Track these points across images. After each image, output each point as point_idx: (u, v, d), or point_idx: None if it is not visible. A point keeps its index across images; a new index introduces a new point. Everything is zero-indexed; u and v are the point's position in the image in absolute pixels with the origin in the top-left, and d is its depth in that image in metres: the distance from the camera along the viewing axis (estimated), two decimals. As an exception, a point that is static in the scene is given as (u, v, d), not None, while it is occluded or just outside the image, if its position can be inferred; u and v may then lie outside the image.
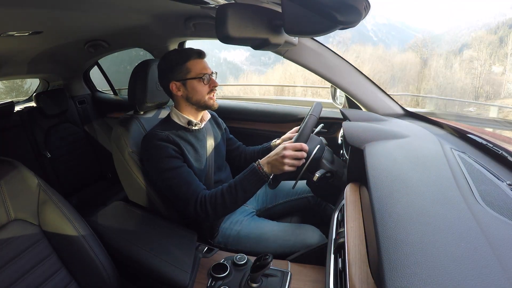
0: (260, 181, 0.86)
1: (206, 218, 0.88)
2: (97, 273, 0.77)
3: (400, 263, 0.38)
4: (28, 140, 1.81)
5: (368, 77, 1.28)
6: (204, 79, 0.95)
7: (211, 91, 0.98)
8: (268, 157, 0.86)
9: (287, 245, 0.95)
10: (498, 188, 0.57)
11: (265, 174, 0.85)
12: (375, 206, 0.52)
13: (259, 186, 0.86)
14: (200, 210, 0.87)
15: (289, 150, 0.83)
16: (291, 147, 0.84)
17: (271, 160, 0.85)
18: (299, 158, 0.84)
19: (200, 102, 0.98)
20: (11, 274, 0.65)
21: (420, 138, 0.88)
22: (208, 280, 0.79)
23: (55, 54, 1.69)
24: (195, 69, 0.95)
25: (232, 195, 0.86)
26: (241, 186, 0.86)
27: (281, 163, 0.83)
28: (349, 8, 0.59)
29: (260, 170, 0.85)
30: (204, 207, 0.86)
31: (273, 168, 0.85)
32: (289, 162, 0.83)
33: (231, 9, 0.66)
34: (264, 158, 0.87)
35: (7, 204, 0.69)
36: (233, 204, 0.87)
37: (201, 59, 0.97)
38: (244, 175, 0.87)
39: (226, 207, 0.87)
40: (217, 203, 0.86)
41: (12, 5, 0.82)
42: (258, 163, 0.87)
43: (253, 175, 0.85)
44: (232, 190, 0.86)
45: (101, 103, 2.21)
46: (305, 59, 1.23)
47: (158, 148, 0.90)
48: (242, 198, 0.86)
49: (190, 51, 0.96)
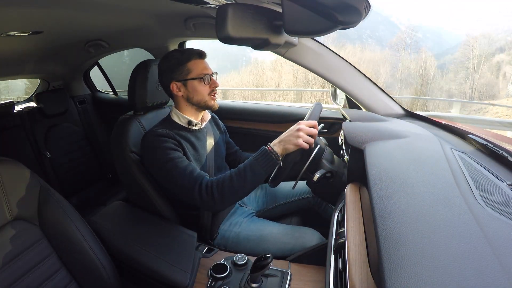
0: (270, 163, 0.83)
1: (212, 203, 0.83)
2: (97, 273, 0.77)
3: (400, 263, 0.38)
4: (28, 140, 1.81)
5: (368, 77, 1.28)
6: (204, 80, 0.95)
7: (211, 91, 0.98)
8: (279, 138, 0.85)
9: (286, 248, 0.95)
10: (498, 188, 0.57)
11: (275, 154, 0.83)
12: (375, 206, 0.52)
13: (269, 169, 0.84)
14: (206, 195, 0.83)
15: (304, 125, 0.84)
16: (305, 123, 0.85)
17: (283, 137, 0.84)
18: (312, 136, 0.85)
19: (201, 102, 0.98)
20: (11, 274, 0.65)
21: (420, 138, 0.88)
22: (208, 280, 0.79)
23: (55, 54, 1.69)
24: (196, 69, 0.95)
25: (241, 178, 0.82)
26: (251, 169, 0.82)
27: (296, 136, 0.82)
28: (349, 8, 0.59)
29: (271, 150, 0.83)
30: (210, 191, 0.83)
31: (286, 144, 0.83)
32: (303, 136, 0.82)
33: (231, 9, 0.66)
34: (274, 140, 0.86)
35: (7, 204, 0.69)
36: (241, 188, 0.83)
37: (202, 59, 0.97)
38: (253, 158, 0.84)
39: (234, 191, 0.83)
40: (224, 187, 0.82)
41: (12, 5, 0.82)
42: (268, 144, 0.85)
43: (264, 156, 0.83)
44: (241, 172, 0.83)
45: (101, 103, 2.21)
46: (305, 59, 1.23)
47: (158, 142, 0.89)
48: (251, 181, 0.83)
49: (191, 51, 0.96)
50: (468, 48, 18.84)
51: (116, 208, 1.05)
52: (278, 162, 0.84)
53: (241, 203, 1.17)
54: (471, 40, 19.05)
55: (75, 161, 1.99)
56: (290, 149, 0.84)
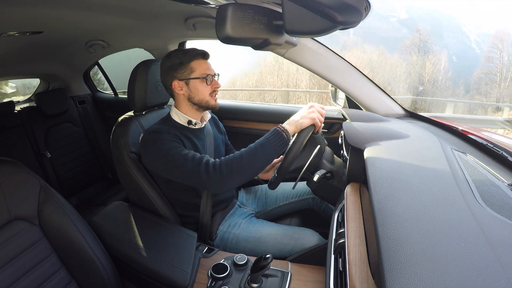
0: (282, 142, 0.83)
1: (221, 179, 0.81)
2: (97, 273, 0.77)
3: (400, 263, 0.38)
4: (28, 140, 1.81)
5: (368, 77, 1.28)
6: (207, 80, 0.96)
7: (213, 91, 0.98)
8: (290, 118, 0.89)
9: (286, 250, 0.95)
10: (498, 188, 0.57)
11: (287, 133, 0.84)
12: (375, 206, 0.52)
13: (280, 148, 0.83)
14: (214, 172, 0.81)
15: (316, 104, 0.91)
16: (316, 104, 0.92)
17: (296, 116, 0.89)
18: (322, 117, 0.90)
19: (202, 102, 0.98)
20: (11, 274, 0.65)
21: (420, 139, 0.88)
22: (208, 280, 0.79)
23: (55, 54, 1.69)
24: (199, 69, 0.95)
25: (251, 156, 0.81)
26: (261, 147, 0.82)
27: (311, 111, 0.88)
28: (350, 9, 0.59)
29: (282, 129, 0.84)
30: (219, 168, 0.81)
31: (301, 119, 0.87)
32: (315, 113, 0.88)
33: (231, 9, 0.66)
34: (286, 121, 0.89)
35: (7, 204, 0.69)
36: (251, 165, 0.82)
37: (205, 59, 0.98)
38: (265, 137, 0.84)
39: (244, 168, 0.81)
40: (234, 163, 0.81)
41: (12, 5, 0.82)
42: (280, 125, 0.87)
43: (275, 135, 0.83)
44: (251, 150, 0.82)
45: (101, 103, 2.21)
46: (305, 59, 1.23)
47: (157, 136, 0.89)
48: (261, 160, 0.82)
49: (195, 51, 0.96)
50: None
51: (116, 208, 1.04)
52: (288, 143, 0.85)
53: (240, 204, 1.17)
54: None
55: (75, 161, 1.99)
56: (304, 124, 0.87)
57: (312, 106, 0.91)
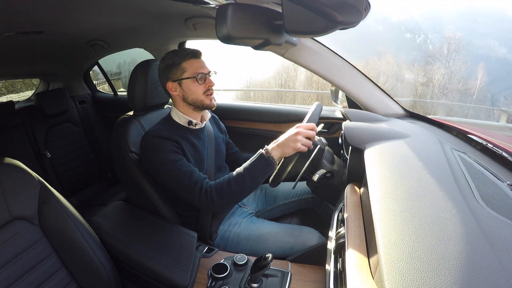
0: (268, 168, 0.84)
1: (212, 206, 0.86)
2: (97, 273, 0.77)
3: (400, 263, 0.38)
4: (28, 140, 1.81)
5: (368, 77, 1.28)
6: (198, 79, 0.95)
7: (207, 90, 0.97)
8: (276, 141, 0.86)
9: (286, 247, 0.95)
10: (498, 188, 0.57)
11: (272, 159, 0.84)
12: (375, 206, 0.52)
13: (266, 173, 0.85)
14: (205, 198, 0.85)
15: (302, 128, 0.85)
16: (304, 126, 0.86)
17: (281, 141, 0.85)
18: (311, 139, 0.86)
19: (197, 102, 0.97)
20: (11, 274, 0.65)
21: (420, 139, 0.88)
22: (208, 280, 0.79)
23: (55, 54, 1.69)
24: (190, 69, 0.95)
25: (239, 182, 0.84)
26: (248, 173, 0.84)
27: (295, 140, 0.83)
28: (349, 8, 0.59)
29: (267, 155, 0.84)
30: (210, 195, 0.85)
31: (285, 149, 0.84)
32: (302, 140, 0.84)
33: (231, 9, 0.66)
34: (271, 144, 0.86)
35: (7, 204, 0.69)
36: (239, 191, 0.85)
37: (197, 59, 0.96)
38: (251, 162, 0.85)
39: (233, 195, 0.85)
40: (223, 191, 0.84)
41: (12, 5, 0.82)
42: (266, 148, 0.86)
43: (261, 161, 0.84)
44: (239, 177, 0.84)
45: (101, 103, 2.21)
46: (305, 59, 1.23)
47: (157, 143, 0.90)
48: (249, 185, 0.85)
49: (186, 51, 0.96)
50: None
51: (116, 208, 1.05)
52: (274, 167, 0.85)
53: (241, 204, 1.17)
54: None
55: (75, 161, 1.99)
56: (288, 153, 0.85)
57: (297, 133, 0.85)
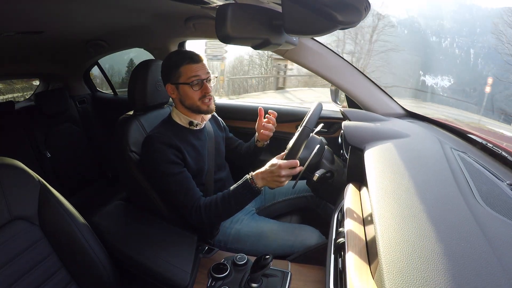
0: (253, 195, 0.87)
1: (201, 223, 0.91)
2: (97, 273, 0.77)
3: (400, 263, 0.38)
4: (28, 140, 1.81)
5: (368, 77, 1.28)
6: (193, 85, 0.93)
7: (203, 96, 0.95)
8: (262, 173, 0.85)
9: (286, 245, 0.95)
10: (498, 188, 0.57)
11: (257, 188, 0.86)
12: (375, 206, 0.52)
13: (251, 199, 0.88)
14: (195, 217, 0.90)
15: (286, 170, 0.82)
16: (287, 165, 0.82)
17: (266, 176, 0.84)
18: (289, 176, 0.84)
19: (193, 107, 0.97)
20: (11, 274, 0.65)
21: (420, 138, 0.88)
22: (208, 280, 0.79)
23: (55, 54, 1.69)
24: (186, 74, 0.93)
25: (226, 207, 0.88)
26: (235, 199, 0.87)
27: (280, 182, 0.83)
28: (349, 8, 0.59)
29: (253, 184, 0.85)
30: (199, 214, 0.89)
31: (269, 183, 0.85)
32: (287, 179, 0.84)
33: (231, 9, 0.66)
34: (257, 172, 0.86)
35: (7, 204, 0.68)
36: (227, 214, 0.91)
37: (194, 63, 0.93)
38: (237, 189, 0.87)
39: (219, 216, 0.91)
40: (211, 211, 0.89)
41: (12, 5, 0.82)
42: (252, 177, 0.86)
43: (247, 189, 0.86)
44: (225, 201, 0.88)
45: (101, 103, 2.21)
46: (305, 59, 1.23)
47: (159, 152, 0.90)
48: (235, 209, 0.89)
49: (184, 55, 0.94)
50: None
51: (116, 208, 1.04)
52: (259, 194, 0.88)
53: None
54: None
55: (75, 161, 1.99)
56: (274, 188, 0.88)
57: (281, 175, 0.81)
